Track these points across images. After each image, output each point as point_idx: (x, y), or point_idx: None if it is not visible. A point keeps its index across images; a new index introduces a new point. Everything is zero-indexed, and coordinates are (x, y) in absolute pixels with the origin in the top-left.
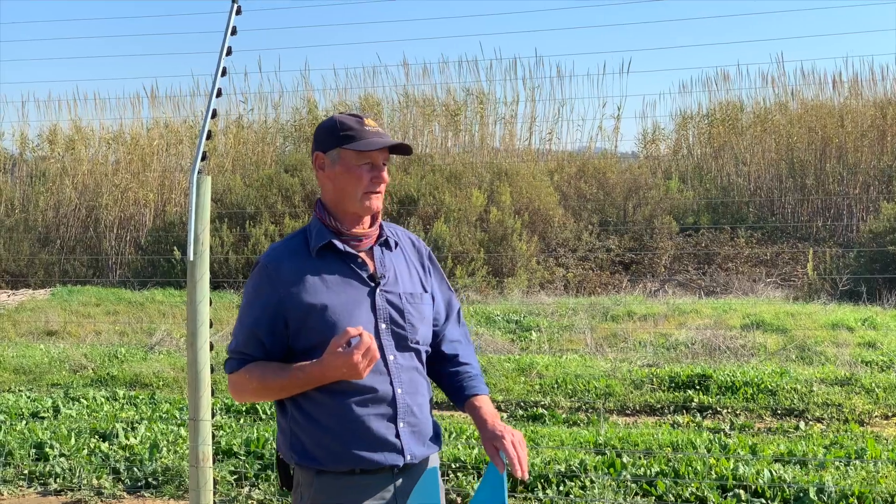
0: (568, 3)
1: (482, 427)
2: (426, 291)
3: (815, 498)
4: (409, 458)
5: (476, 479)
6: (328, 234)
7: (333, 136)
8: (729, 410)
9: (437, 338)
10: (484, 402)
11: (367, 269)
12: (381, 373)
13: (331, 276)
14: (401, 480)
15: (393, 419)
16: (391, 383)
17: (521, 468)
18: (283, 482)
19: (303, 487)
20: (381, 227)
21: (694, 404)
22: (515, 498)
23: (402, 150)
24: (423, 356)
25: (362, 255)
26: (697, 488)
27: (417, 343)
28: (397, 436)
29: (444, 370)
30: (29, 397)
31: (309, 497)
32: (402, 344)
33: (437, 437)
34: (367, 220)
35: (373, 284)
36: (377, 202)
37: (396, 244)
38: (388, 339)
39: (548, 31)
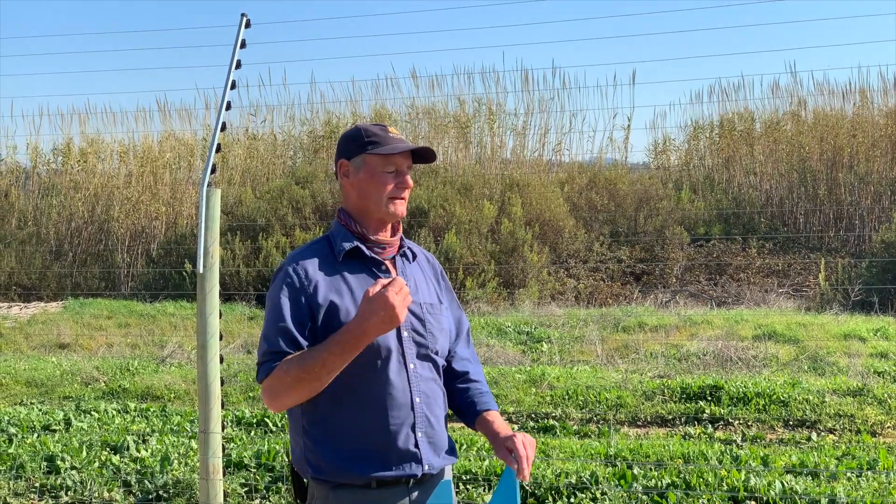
0: (577, 14)
1: (494, 437)
2: (442, 303)
3: None
4: (426, 467)
5: (486, 491)
6: (354, 239)
7: (358, 142)
8: (740, 421)
9: (448, 355)
10: (496, 417)
11: (390, 277)
12: (401, 381)
13: (355, 281)
14: (416, 494)
15: (412, 428)
16: (410, 392)
17: (525, 468)
18: (297, 495)
19: (317, 501)
20: (401, 238)
21: (705, 415)
22: (519, 492)
23: (426, 157)
24: (441, 368)
25: (387, 262)
26: (709, 500)
27: (436, 353)
28: (416, 445)
29: (453, 386)
30: (40, 410)
31: None
32: (422, 353)
33: (451, 450)
34: (389, 229)
35: None
36: (402, 207)
37: (415, 256)
38: (409, 347)
39: (558, 43)
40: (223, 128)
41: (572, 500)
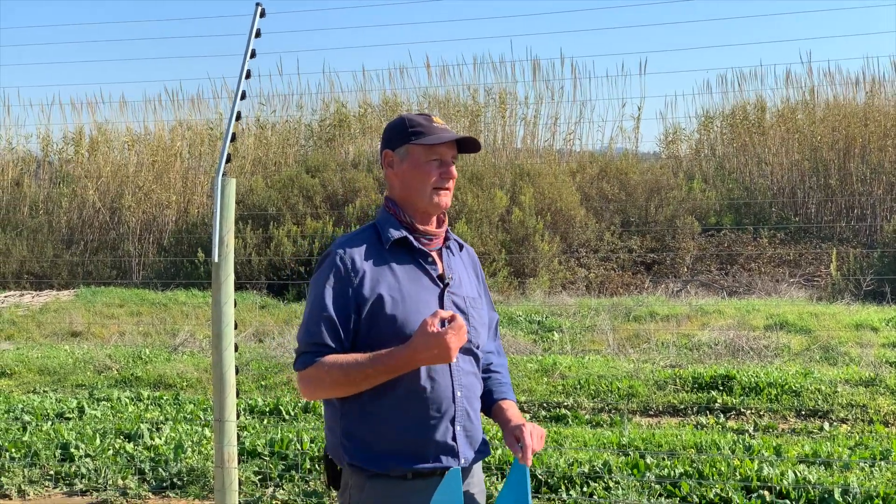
0: (588, 4)
1: (505, 425)
2: (481, 297)
3: (840, 499)
4: (462, 461)
5: (499, 479)
6: (403, 229)
7: (402, 133)
8: (753, 411)
9: None
10: (511, 406)
11: (437, 269)
12: (443, 374)
13: (402, 272)
14: None
15: (452, 421)
16: (452, 385)
17: (528, 454)
18: (330, 481)
19: (352, 490)
20: (447, 230)
21: (717, 405)
22: (539, 498)
23: (471, 147)
24: (480, 362)
25: (433, 253)
26: (722, 489)
27: (478, 347)
28: (454, 438)
29: None
30: (54, 398)
31: (359, 501)
32: (465, 347)
33: (485, 445)
34: (435, 220)
35: (441, 285)
36: (446, 199)
37: (461, 248)
38: None
39: (569, 33)
40: (238, 117)
41: (585, 489)
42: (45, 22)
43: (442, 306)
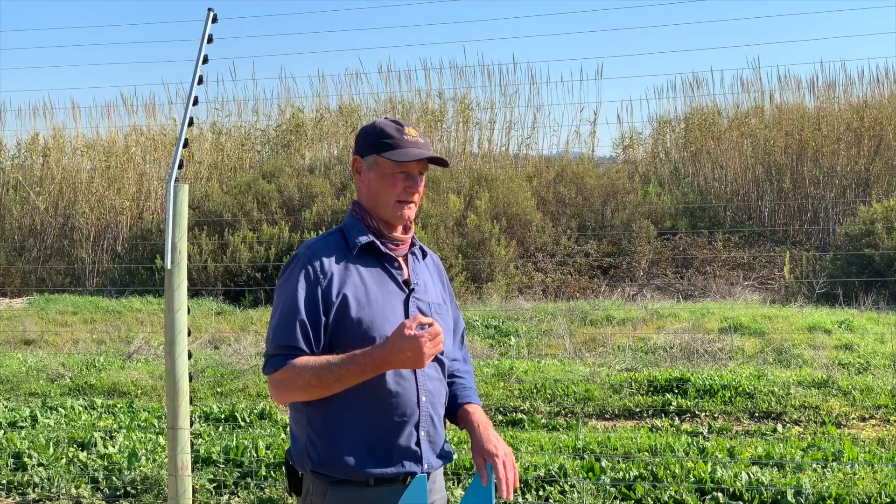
0: (544, 9)
1: (474, 433)
2: (446, 304)
3: (793, 500)
4: (426, 466)
5: (456, 485)
6: (370, 234)
7: (371, 141)
8: (707, 413)
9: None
10: (477, 410)
11: (403, 274)
12: (408, 379)
13: (369, 276)
14: None
15: (416, 426)
16: (417, 390)
17: (507, 490)
18: (292, 487)
19: (314, 496)
20: (412, 236)
21: (672, 408)
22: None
23: (439, 162)
24: (445, 368)
25: (400, 259)
26: (676, 492)
27: (442, 354)
28: (417, 443)
29: None
30: (6, 407)
31: None
32: None
33: (447, 452)
34: (401, 227)
35: (407, 290)
36: (409, 212)
37: (425, 255)
38: None
39: (524, 38)
40: (190, 123)
41: (541, 493)
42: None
43: (407, 311)
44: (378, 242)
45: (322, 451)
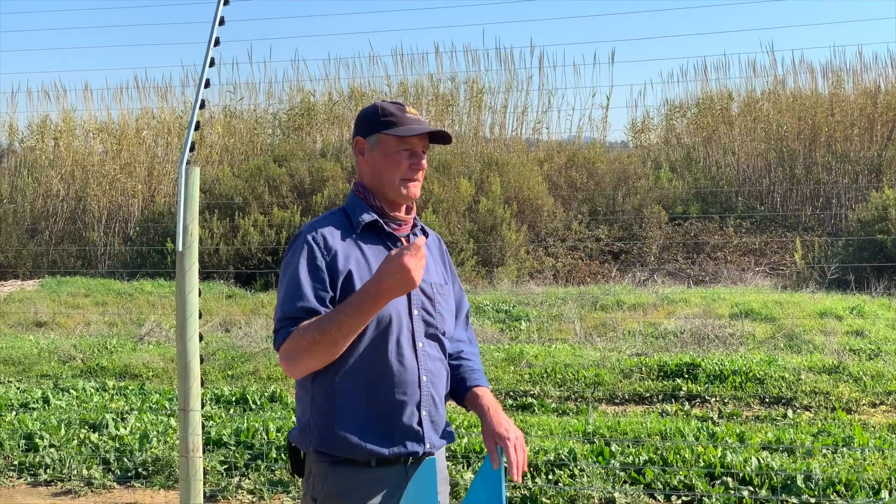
0: None
1: (484, 416)
2: (447, 284)
3: (803, 485)
4: (428, 446)
5: (465, 468)
6: (374, 213)
7: (374, 121)
8: (717, 399)
9: None
10: (486, 393)
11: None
12: (409, 359)
13: (372, 254)
14: (413, 473)
15: (417, 406)
16: (418, 370)
17: (517, 472)
18: (294, 469)
19: (316, 477)
20: (414, 217)
21: (682, 393)
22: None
23: (442, 138)
24: (446, 348)
25: (402, 239)
26: (685, 476)
27: (444, 334)
28: (419, 423)
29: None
30: (18, 388)
31: (322, 488)
32: (430, 332)
33: (449, 432)
34: (404, 207)
35: None
36: (415, 189)
37: (427, 235)
38: (419, 325)
39: (538, 21)
40: (202, 105)
41: (550, 476)
42: (8, 10)
43: (409, 293)
44: (381, 221)
45: (324, 430)
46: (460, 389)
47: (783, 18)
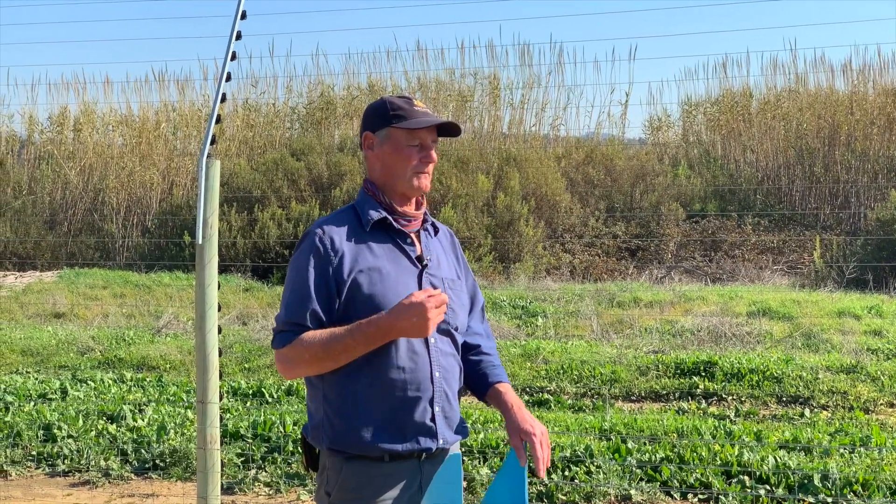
0: None
1: (508, 413)
2: (460, 279)
3: (820, 484)
4: (441, 442)
5: (481, 463)
6: (382, 210)
7: (383, 115)
8: (734, 397)
9: None
10: (508, 389)
11: (415, 250)
12: (422, 354)
13: (381, 252)
14: (427, 469)
15: (430, 402)
16: (431, 366)
17: (542, 468)
18: (308, 464)
19: (330, 472)
20: (424, 212)
21: (699, 391)
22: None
23: (451, 131)
24: (459, 344)
25: (412, 235)
26: (702, 474)
27: (456, 329)
28: (432, 419)
29: (465, 359)
30: (37, 379)
31: (336, 483)
32: (443, 328)
33: (463, 427)
34: (414, 202)
35: (420, 266)
36: (426, 182)
37: (437, 231)
38: None
39: (557, 18)
40: (223, 99)
41: (567, 473)
42: (29, 2)
43: (420, 287)
44: (390, 219)
45: (338, 428)
46: (482, 386)
47: (805, 16)
